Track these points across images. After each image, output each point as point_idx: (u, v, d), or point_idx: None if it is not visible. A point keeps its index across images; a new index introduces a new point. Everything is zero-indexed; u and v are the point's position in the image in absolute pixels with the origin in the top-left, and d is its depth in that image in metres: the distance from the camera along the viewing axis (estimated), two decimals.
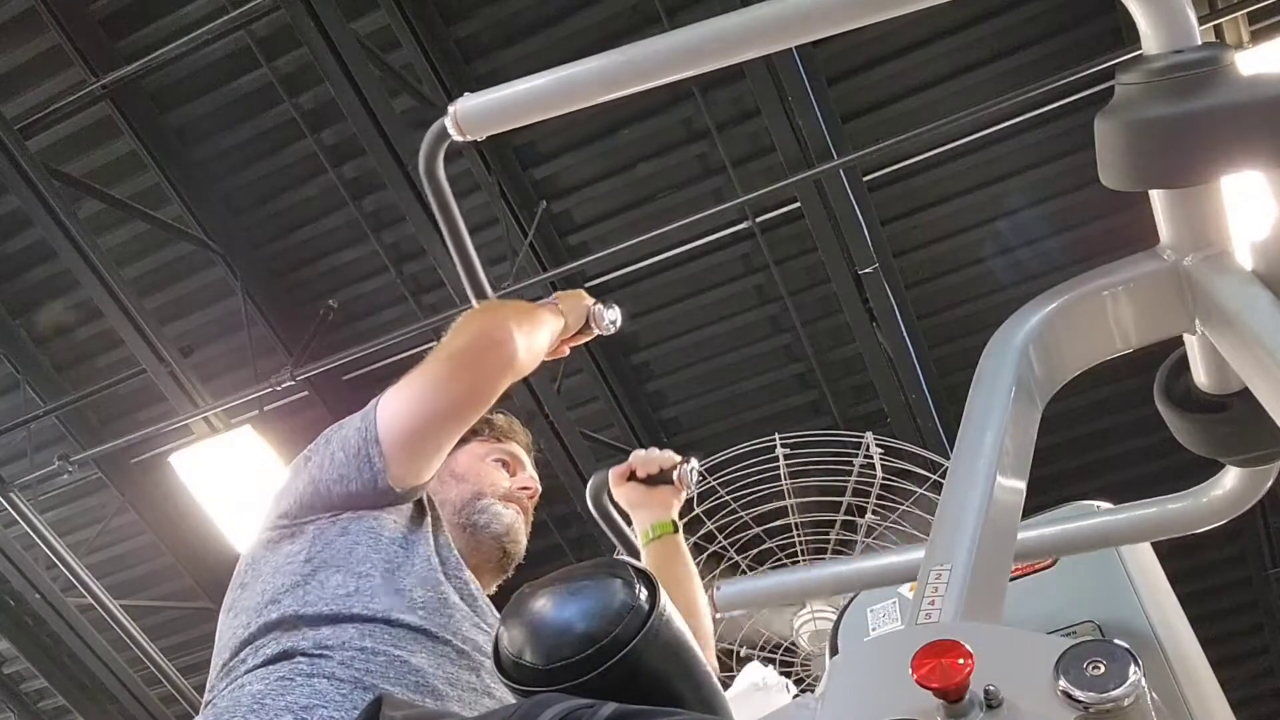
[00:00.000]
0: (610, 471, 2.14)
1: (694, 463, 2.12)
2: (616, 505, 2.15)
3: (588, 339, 1.99)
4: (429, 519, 1.59)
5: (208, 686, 1.43)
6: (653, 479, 2.09)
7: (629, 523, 2.15)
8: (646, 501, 2.09)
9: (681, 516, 2.14)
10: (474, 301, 1.89)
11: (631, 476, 2.10)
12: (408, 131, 5.16)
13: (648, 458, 2.11)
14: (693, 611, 1.93)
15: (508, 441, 1.86)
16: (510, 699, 1.15)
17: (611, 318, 1.98)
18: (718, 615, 2.20)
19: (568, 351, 1.96)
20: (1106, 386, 5.66)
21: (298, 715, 1.27)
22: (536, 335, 1.72)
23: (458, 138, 1.56)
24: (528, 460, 1.89)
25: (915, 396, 5.85)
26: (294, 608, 1.40)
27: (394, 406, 1.56)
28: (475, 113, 1.53)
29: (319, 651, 1.35)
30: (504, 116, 1.54)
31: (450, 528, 1.64)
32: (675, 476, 2.08)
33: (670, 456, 2.11)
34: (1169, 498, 1.67)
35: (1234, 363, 1.16)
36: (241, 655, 1.39)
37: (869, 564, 2.20)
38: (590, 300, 1.97)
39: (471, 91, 1.55)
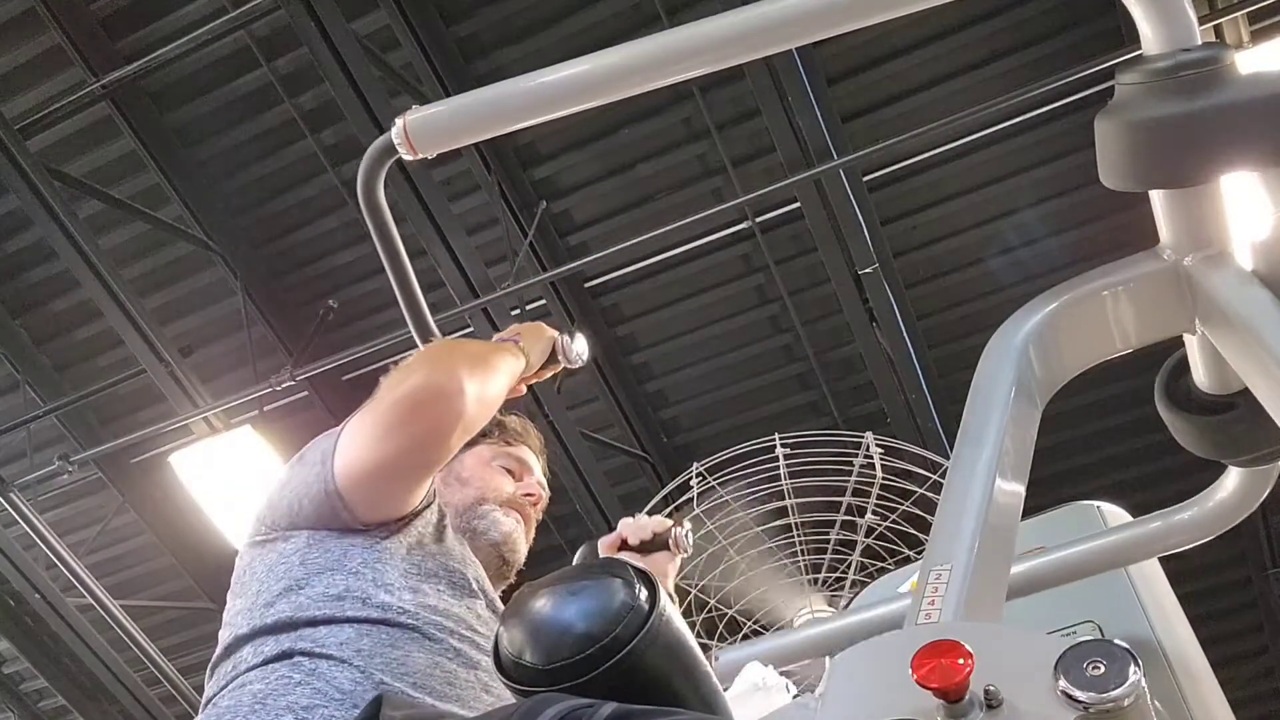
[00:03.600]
0: (600, 542, 2.01)
1: (687, 525, 2.00)
2: None
3: (554, 372, 1.85)
4: (435, 517, 1.57)
5: (208, 684, 1.42)
6: (645, 545, 1.97)
7: None
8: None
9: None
10: (419, 343, 1.77)
11: (624, 545, 1.98)
12: None
13: (638, 525, 1.99)
14: None
15: (517, 445, 1.82)
16: (509, 693, 1.15)
17: (579, 349, 1.83)
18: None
19: (524, 391, 1.81)
20: (1106, 386, 5.65)
21: (299, 715, 1.27)
22: (490, 384, 1.56)
23: (406, 155, 1.42)
24: (537, 465, 1.85)
25: (915, 396, 5.85)
26: (288, 611, 1.40)
27: (348, 455, 1.48)
28: (429, 126, 1.40)
29: (319, 651, 1.35)
30: (458, 130, 1.42)
31: (453, 530, 1.63)
32: (670, 541, 1.97)
33: (662, 521, 2.00)
34: (1172, 509, 1.67)
35: (1234, 363, 1.16)
36: (241, 655, 1.39)
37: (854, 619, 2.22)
38: (553, 332, 1.83)
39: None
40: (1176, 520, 1.66)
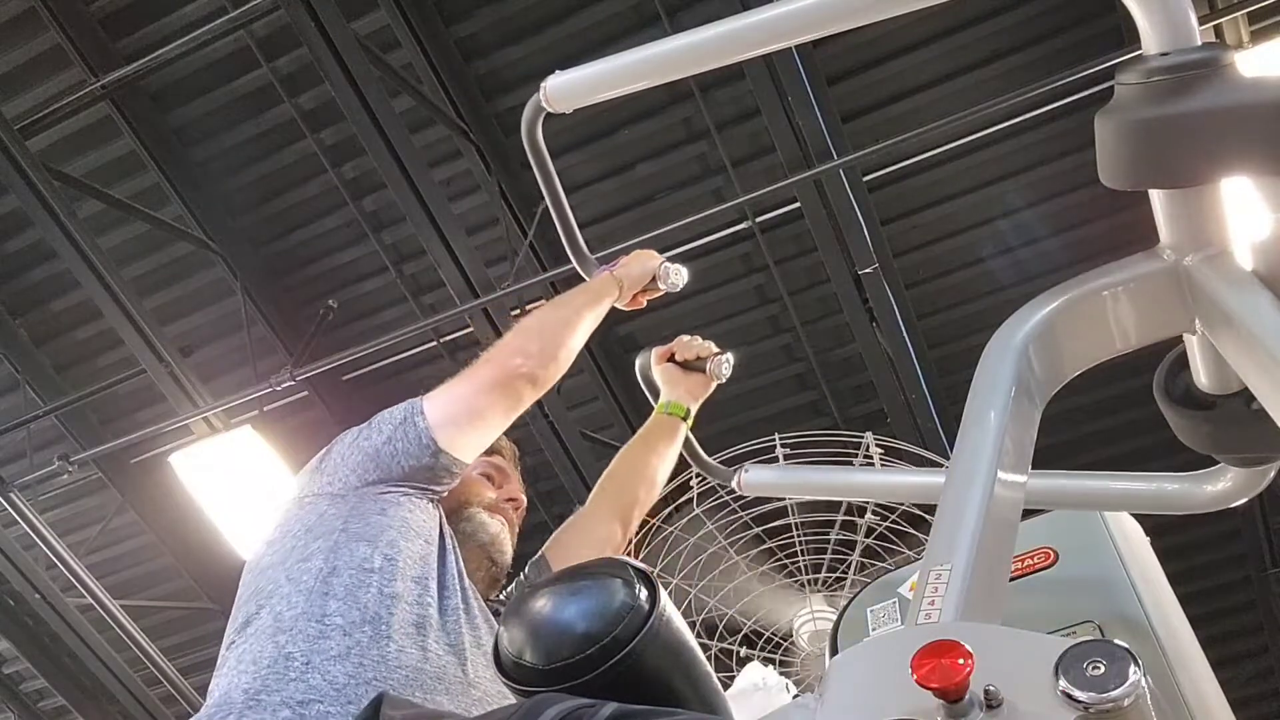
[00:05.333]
0: (653, 350, 2.32)
1: (729, 357, 2.29)
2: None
3: (656, 295, 2.21)
4: (444, 523, 1.65)
5: (225, 641, 1.48)
6: (688, 364, 2.27)
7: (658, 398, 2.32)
8: (678, 383, 2.28)
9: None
10: (575, 263, 2.07)
11: (671, 357, 2.29)
12: (407, 131, 5.16)
13: (689, 344, 2.29)
14: (650, 480, 2.16)
15: (493, 454, 1.90)
16: (498, 689, 1.15)
17: (676, 279, 2.20)
18: (743, 493, 2.37)
19: (644, 303, 2.21)
20: (1106, 386, 5.66)
21: (295, 710, 1.28)
22: (569, 341, 1.88)
23: (550, 110, 1.73)
24: (513, 473, 1.94)
25: (915, 396, 5.85)
26: (322, 567, 1.46)
27: (436, 396, 1.71)
28: (563, 88, 1.70)
29: (314, 645, 1.36)
30: (587, 91, 1.69)
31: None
32: (708, 366, 2.25)
33: (709, 347, 2.29)
34: (1167, 475, 1.68)
35: (1234, 363, 1.16)
36: (261, 612, 1.44)
37: (895, 478, 2.27)
38: (658, 261, 2.20)
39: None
40: (1162, 488, 1.68)
